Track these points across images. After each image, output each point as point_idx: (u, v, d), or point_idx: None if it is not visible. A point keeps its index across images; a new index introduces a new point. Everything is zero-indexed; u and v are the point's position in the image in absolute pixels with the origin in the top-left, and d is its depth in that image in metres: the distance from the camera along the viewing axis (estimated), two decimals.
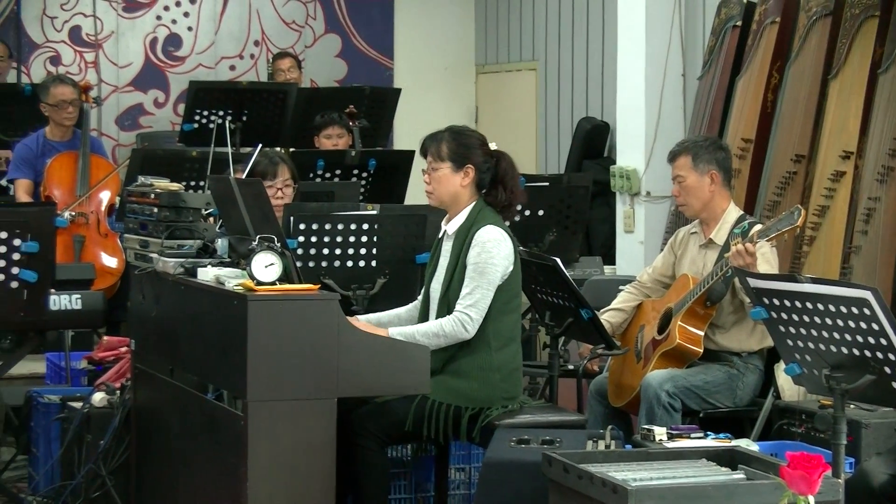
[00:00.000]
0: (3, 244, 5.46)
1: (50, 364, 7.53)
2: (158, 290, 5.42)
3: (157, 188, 5.74)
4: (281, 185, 6.25)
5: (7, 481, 6.29)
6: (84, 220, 8.20)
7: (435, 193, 5.43)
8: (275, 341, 4.68)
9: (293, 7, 11.69)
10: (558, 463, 4.32)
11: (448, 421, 5.24)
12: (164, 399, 5.54)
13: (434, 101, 11.82)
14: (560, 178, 7.74)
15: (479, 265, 5.26)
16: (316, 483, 4.74)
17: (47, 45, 11.04)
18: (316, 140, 8.58)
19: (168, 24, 11.38)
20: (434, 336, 5.23)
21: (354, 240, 5.96)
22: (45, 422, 6.27)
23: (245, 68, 11.55)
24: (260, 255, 4.77)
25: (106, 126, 11.16)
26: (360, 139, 8.69)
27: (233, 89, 9.18)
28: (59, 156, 8.41)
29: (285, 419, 4.69)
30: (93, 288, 6.18)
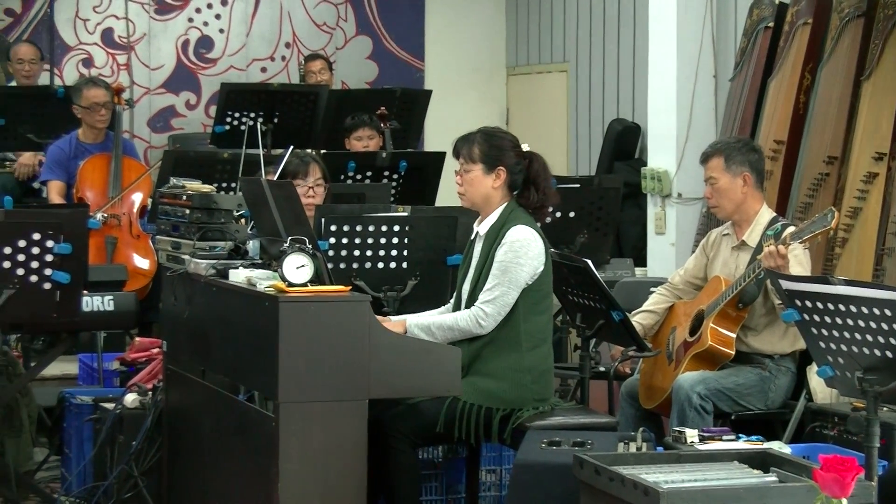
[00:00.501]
0: (36, 245, 5.48)
1: (82, 365, 7.56)
2: (190, 292, 5.44)
3: (188, 190, 5.76)
4: (312, 185, 6.26)
5: (40, 481, 6.31)
6: (116, 221, 8.23)
7: (467, 195, 5.43)
8: (306, 343, 4.68)
9: (324, 9, 11.71)
10: (589, 465, 4.31)
11: (479, 422, 5.24)
12: (195, 400, 5.56)
13: (465, 102, 11.82)
14: (591, 179, 7.72)
15: (504, 263, 5.26)
16: (347, 484, 4.74)
17: (80, 47, 11.09)
18: (347, 142, 8.59)
19: (200, 27, 11.41)
20: (448, 329, 5.24)
21: (385, 241, 5.96)
22: (77, 423, 6.30)
23: (276, 70, 11.57)
24: (291, 256, 4.77)
25: (138, 128, 11.20)
26: (390, 141, 8.69)
27: (264, 91, 9.19)
28: (92, 158, 8.44)
29: (317, 420, 4.70)
30: (125, 289, 6.21)
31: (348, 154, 8.18)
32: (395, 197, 7.68)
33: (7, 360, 6.02)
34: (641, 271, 8.65)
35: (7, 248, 5.44)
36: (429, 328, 5.24)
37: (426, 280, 6.00)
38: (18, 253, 5.46)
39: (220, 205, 5.59)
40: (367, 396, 4.78)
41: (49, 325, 5.80)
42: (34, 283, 5.50)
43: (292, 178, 6.12)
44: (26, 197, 9.07)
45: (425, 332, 5.22)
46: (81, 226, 5.67)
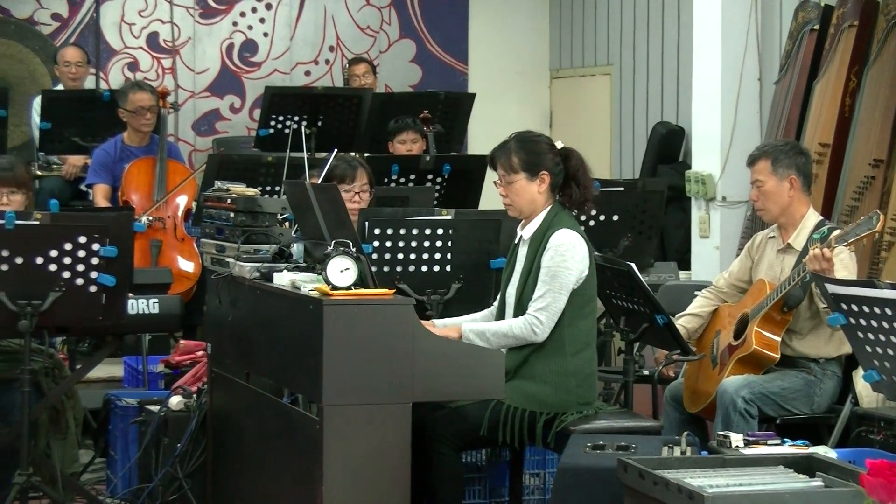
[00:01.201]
0: (82, 249, 5.51)
1: (127, 367, 7.60)
2: (235, 295, 5.46)
3: (233, 193, 5.78)
4: (358, 190, 6.27)
5: (85, 483, 6.35)
6: (161, 224, 8.27)
7: (514, 205, 5.41)
8: (350, 346, 4.69)
9: (368, 12, 11.73)
10: (634, 469, 4.30)
11: (523, 426, 5.23)
12: (239, 403, 5.57)
13: (508, 105, 11.81)
14: (635, 182, 7.71)
15: (552, 269, 5.25)
16: (391, 487, 4.75)
17: (125, 51, 11.15)
18: (390, 145, 8.60)
19: (244, 30, 11.45)
20: (503, 336, 5.23)
21: (429, 244, 5.96)
22: (122, 425, 6.33)
23: (320, 74, 11.59)
24: (335, 259, 4.79)
25: (183, 131, 11.24)
26: (434, 144, 8.70)
27: (308, 94, 9.22)
28: (137, 161, 8.49)
29: (360, 423, 4.71)
30: (170, 292, 6.23)
31: (392, 157, 8.18)
32: (438, 200, 7.68)
33: (53, 362, 6.05)
34: (685, 275, 8.61)
35: (53, 251, 5.47)
36: (484, 334, 5.23)
37: (469, 283, 6.00)
38: (64, 256, 5.49)
39: (264, 208, 5.61)
40: (411, 400, 4.78)
41: (95, 327, 5.83)
42: (80, 286, 5.53)
43: (338, 182, 6.14)
44: (72, 200, 9.12)
45: (480, 338, 5.20)
46: (127, 229, 5.70)
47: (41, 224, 5.49)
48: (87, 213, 6.86)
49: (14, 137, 9.86)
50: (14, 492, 5.48)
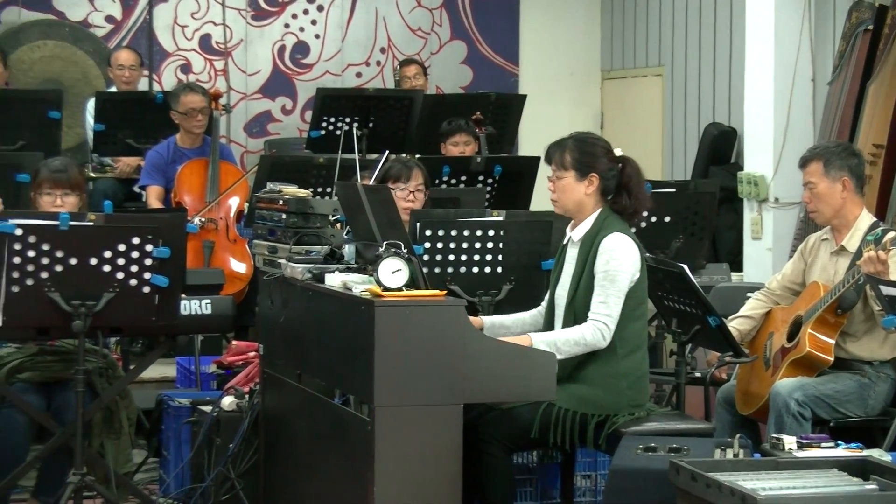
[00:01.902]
0: (135, 250, 5.54)
1: (180, 368, 7.64)
2: (286, 296, 5.47)
3: (285, 194, 5.80)
4: (413, 189, 6.28)
5: (139, 483, 6.38)
6: (213, 225, 8.31)
7: (559, 202, 5.41)
8: (402, 347, 4.70)
9: (419, 14, 11.74)
10: (686, 471, 4.29)
11: (574, 428, 5.22)
12: (291, 403, 5.59)
13: (559, 107, 11.80)
14: (687, 184, 7.68)
15: (609, 273, 5.24)
16: (442, 489, 4.75)
17: (178, 53, 11.21)
18: (442, 147, 8.60)
19: (296, 32, 11.49)
20: (575, 344, 5.21)
21: (480, 246, 5.97)
22: (175, 425, 6.35)
23: (371, 75, 11.62)
24: (387, 260, 4.79)
25: (234, 133, 11.30)
26: (485, 145, 8.70)
27: (359, 96, 9.24)
28: (190, 163, 8.53)
29: (412, 425, 4.71)
30: (222, 293, 6.24)
31: (443, 158, 8.19)
32: (489, 201, 7.68)
33: (107, 362, 6.09)
34: (738, 276, 8.58)
35: (107, 252, 5.50)
36: (554, 343, 5.20)
37: (521, 284, 6.00)
38: (118, 257, 5.51)
39: (315, 209, 5.63)
40: (462, 401, 4.78)
41: (148, 328, 5.85)
42: (133, 287, 5.56)
43: (394, 182, 6.15)
44: (126, 202, 9.18)
45: (550, 348, 5.17)
46: (180, 230, 5.72)
47: (95, 225, 5.52)
48: (141, 215, 6.90)
49: (68, 139, 9.93)
50: (68, 491, 5.51)
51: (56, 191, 6.09)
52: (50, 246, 5.44)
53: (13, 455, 5.82)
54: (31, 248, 5.42)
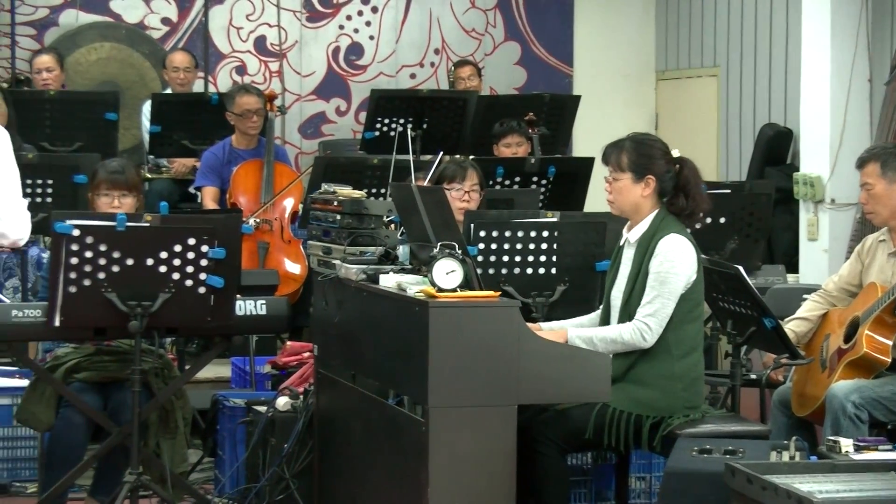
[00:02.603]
0: (191, 250, 5.56)
1: (235, 368, 7.67)
2: (341, 296, 5.49)
3: (339, 195, 5.81)
4: (469, 189, 6.29)
5: (194, 483, 6.41)
6: (268, 226, 8.34)
7: (616, 203, 5.40)
8: (456, 348, 4.70)
9: (473, 15, 11.75)
10: (741, 473, 4.27)
11: (629, 429, 5.21)
12: (346, 404, 5.60)
13: (613, 107, 11.77)
14: (742, 185, 7.64)
15: (661, 274, 5.22)
16: (496, 490, 4.75)
17: (233, 54, 11.27)
18: (495, 148, 8.60)
19: (350, 34, 11.52)
20: (612, 342, 5.21)
21: (534, 247, 5.96)
22: (230, 425, 6.38)
23: (425, 76, 11.63)
24: (441, 261, 4.79)
25: (289, 134, 11.34)
26: (539, 146, 8.69)
27: (413, 97, 9.25)
28: (245, 164, 8.57)
29: (466, 425, 4.71)
30: (276, 294, 6.26)
31: (497, 159, 8.19)
32: (543, 202, 7.67)
33: (162, 362, 6.12)
34: (793, 278, 8.53)
35: (163, 252, 5.53)
36: (591, 340, 5.21)
37: (575, 286, 5.98)
38: (174, 258, 5.54)
39: (370, 210, 5.63)
40: (516, 402, 4.78)
41: (203, 328, 5.88)
42: (189, 288, 5.58)
43: (449, 182, 6.16)
44: (181, 202, 9.24)
45: (587, 344, 5.18)
46: (235, 231, 5.75)
47: (151, 226, 5.55)
48: (196, 216, 6.93)
49: (124, 140, 10.01)
50: (125, 490, 5.55)
51: (114, 192, 6.13)
52: (107, 247, 5.48)
53: (71, 454, 5.87)
54: (88, 249, 5.46)
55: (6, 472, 6.84)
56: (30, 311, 5.65)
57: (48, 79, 9.59)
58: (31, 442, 6.79)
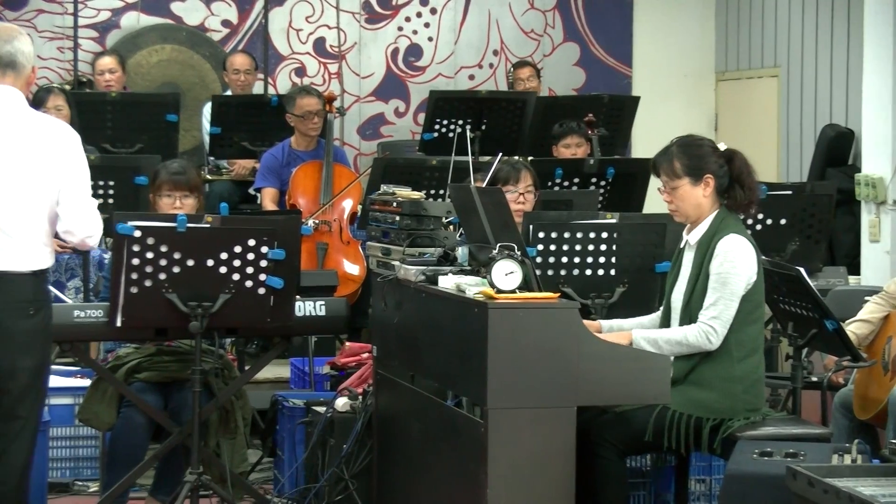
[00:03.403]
0: (251, 251, 5.59)
1: (294, 369, 7.70)
2: (400, 298, 5.50)
3: (398, 196, 5.82)
4: (523, 191, 6.28)
5: (254, 483, 6.44)
6: (327, 227, 8.37)
7: (680, 211, 5.37)
8: (515, 349, 4.69)
9: (532, 16, 11.73)
10: (803, 476, 4.24)
11: (689, 432, 5.19)
12: (404, 405, 5.61)
13: (673, 108, 11.72)
14: (803, 186, 7.59)
15: (723, 275, 5.20)
16: (555, 491, 4.74)
17: (293, 56, 11.31)
18: (554, 149, 8.59)
19: (409, 35, 11.54)
20: (677, 344, 5.19)
21: (593, 248, 5.94)
22: (289, 425, 6.41)
23: (484, 77, 11.63)
24: (500, 263, 4.79)
25: (348, 135, 11.37)
26: (598, 147, 8.67)
27: (472, 98, 9.26)
28: (304, 165, 8.60)
29: (525, 427, 4.71)
30: (335, 295, 6.28)
31: (556, 161, 8.18)
32: (602, 204, 7.65)
33: (223, 363, 6.15)
34: (855, 280, 8.46)
35: (224, 253, 5.56)
36: (656, 342, 5.19)
37: (634, 287, 5.96)
38: (234, 259, 5.57)
39: (429, 211, 5.64)
40: (576, 403, 4.77)
41: (263, 329, 5.91)
42: (249, 288, 5.61)
43: (503, 185, 6.15)
44: (241, 204, 9.28)
45: (652, 346, 5.16)
46: (295, 232, 5.77)
47: (212, 227, 5.59)
48: (256, 217, 6.97)
49: (185, 142, 10.07)
50: (185, 490, 5.58)
51: (175, 193, 6.17)
52: (168, 248, 5.51)
53: (132, 454, 5.91)
54: (149, 250, 5.50)
55: (68, 470, 6.90)
56: (92, 311, 5.71)
57: (110, 80, 9.67)
58: (93, 441, 6.85)
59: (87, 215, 5.09)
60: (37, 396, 5.13)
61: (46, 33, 10.77)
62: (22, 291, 5.02)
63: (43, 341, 5.12)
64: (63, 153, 5.07)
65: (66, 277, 8.25)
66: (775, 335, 7.22)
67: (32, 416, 5.12)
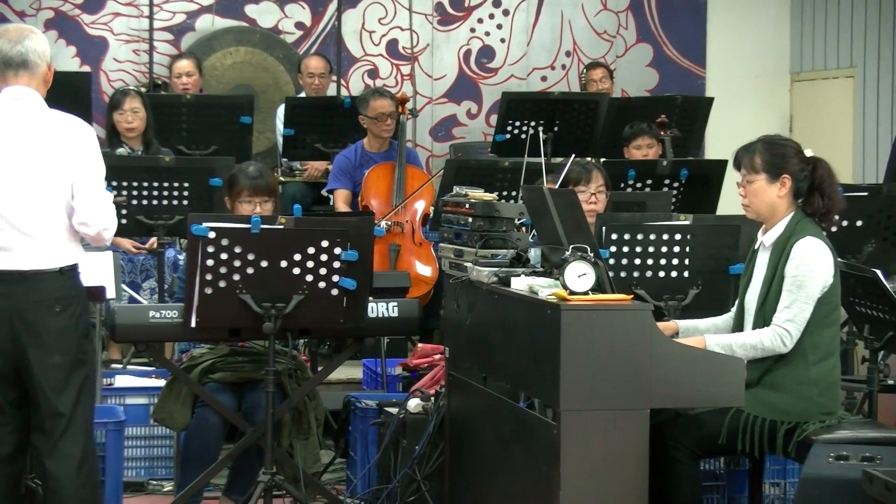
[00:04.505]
0: (324, 253, 5.61)
1: (366, 370, 7.72)
2: (472, 299, 5.50)
3: (471, 198, 5.82)
4: (594, 191, 6.27)
5: (326, 483, 6.46)
6: (400, 229, 8.39)
7: (752, 206, 5.35)
8: (587, 351, 4.68)
9: (605, 17, 11.69)
10: (879, 480, 4.20)
11: (763, 435, 5.16)
12: (477, 406, 5.61)
13: (747, 109, 11.63)
14: (879, 187, 7.51)
15: (798, 278, 5.16)
16: (628, 494, 4.72)
17: (365, 58, 11.34)
18: (625, 151, 8.57)
19: (481, 37, 11.53)
20: (752, 348, 5.16)
21: (667, 250, 5.92)
22: (362, 426, 6.42)
23: (556, 79, 11.60)
24: (573, 264, 4.78)
25: (420, 137, 11.38)
26: (671, 149, 8.63)
27: (545, 100, 9.25)
28: (377, 167, 8.63)
29: (598, 429, 4.69)
30: (408, 296, 6.29)
31: (629, 162, 8.16)
32: (675, 205, 7.62)
33: (296, 364, 6.18)
34: None
35: (297, 254, 5.58)
36: (730, 346, 5.17)
37: (707, 289, 5.93)
38: (307, 260, 5.60)
39: (501, 213, 5.63)
40: (649, 406, 4.75)
41: (336, 330, 5.94)
42: (322, 289, 5.63)
43: (574, 185, 6.14)
44: (314, 205, 9.32)
45: (726, 351, 5.13)
46: (368, 233, 5.79)
47: (285, 228, 5.61)
48: (329, 218, 6.99)
49: (258, 143, 10.13)
50: (259, 490, 5.61)
51: (255, 198, 6.20)
52: (242, 249, 5.54)
53: (207, 453, 5.95)
54: (223, 251, 5.53)
55: (143, 470, 6.95)
56: (167, 312, 5.75)
57: (187, 83, 9.74)
58: (168, 441, 6.90)
59: (102, 208, 5.08)
60: (78, 392, 5.10)
61: (122, 36, 10.88)
62: (47, 289, 5.03)
63: (74, 337, 5.09)
64: (75, 147, 5.05)
65: (142, 278, 8.32)
66: (851, 338, 7.16)
67: (78, 411, 5.09)
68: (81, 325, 5.13)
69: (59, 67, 10.09)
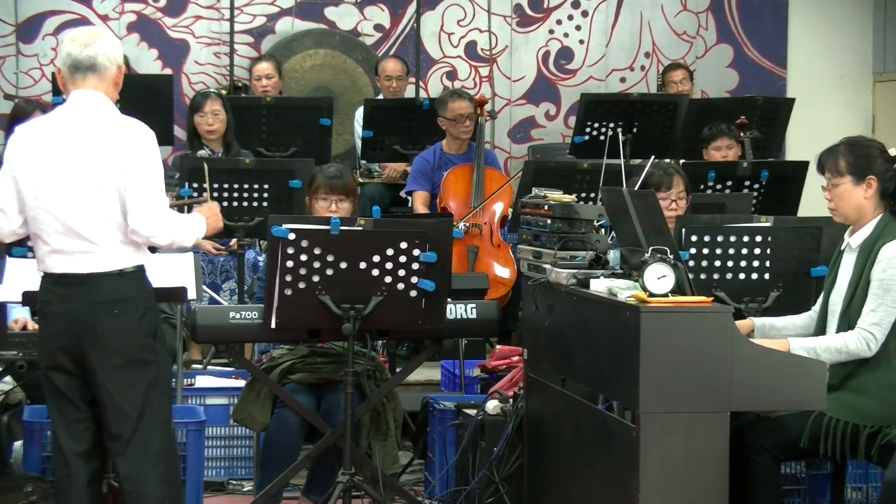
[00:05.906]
0: (403, 254, 5.63)
1: (444, 371, 7.73)
2: (551, 301, 5.49)
3: (550, 200, 5.81)
4: (675, 197, 6.24)
5: (405, 484, 6.48)
6: (478, 231, 8.39)
7: (839, 210, 5.30)
8: (667, 353, 4.66)
9: (685, 18, 11.63)
10: None
11: (845, 439, 5.11)
12: (555, 408, 5.60)
13: (828, 110, 11.52)
14: None
15: (885, 282, 5.11)
16: (708, 497, 4.70)
17: (444, 60, 11.35)
18: (704, 152, 8.51)
19: (560, 38, 11.50)
20: (836, 352, 5.11)
21: (747, 252, 5.87)
22: (440, 427, 6.43)
23: (635, 80, 11.54)
24: (653, 266, 4.76)
25: (499, 139, 11.37)
26: (751, 150, 8.57)
27: (624, 101, 9.21)
28: (455, 168, 8.63)
29: (677, 432, 4.67)
30: (486, 298, 6.29)
31: (709, 164, 8.10)
32: (756, 207, 7.56)
33: (375, 365, 6.20)
34: None
35: (376, 256, 5.60)
36: (815, 350, 5.12)
37: (789, 292, 5.88)
38: (386, 261, 5.61)
39: (580, 214, 5.62)
40: (729, 409, 4.72)
41: (414, 331, 5.95)
42: (401, 291, 5.65)
43: (655, 190, 6.11)
44: (392, 206, 9.35)
45: (810, 354, 5.09)
46: (446, 235, 5.79)
47: (365, 230, 5.63)
48: (408, 220, 7.01)
49: (337, 145, 10.17)
50: (338, 490, 5.63)
51: (331, 196, 6.25)
52: (321, 250, 5.57)
53: (286, 454, 5.99)
54: (303, 253, 5.56)
55: (223, 470, 7.01)
56: (247, 313, 5.78)
57: (268, 86, 9.80)
58: (247, 441, 6.95)
59: (152, 214, 5.01)
60: (146, 392, 5.07)
61: (204, 39, 10.96)
62: (105, 291, 5.03)
63: (135, 338, 5.06)
64: (129, 151, 5.00)
65: (221, 279, 8.38)
66: None
67: (148, 412, 5.07)
68: (145, 325, 5.09)
69: (140, 70, 10.37)
